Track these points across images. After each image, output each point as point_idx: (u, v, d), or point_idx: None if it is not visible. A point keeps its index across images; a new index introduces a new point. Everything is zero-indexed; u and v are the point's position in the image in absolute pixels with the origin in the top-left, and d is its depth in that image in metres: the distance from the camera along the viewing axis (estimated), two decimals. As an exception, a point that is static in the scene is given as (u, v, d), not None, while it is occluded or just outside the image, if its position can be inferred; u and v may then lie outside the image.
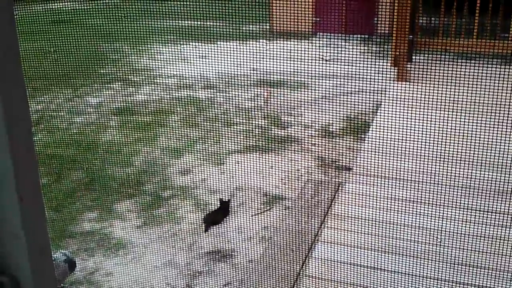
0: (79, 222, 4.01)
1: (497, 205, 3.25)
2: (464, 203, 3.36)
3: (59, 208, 4.19)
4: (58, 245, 3.67)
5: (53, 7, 8.31)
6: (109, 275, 3.42)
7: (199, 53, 7.57)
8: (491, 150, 2.90)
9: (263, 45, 7.00)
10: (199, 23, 4.82)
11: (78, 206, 4.25)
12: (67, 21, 4.78)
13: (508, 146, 2.99)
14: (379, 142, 4.07)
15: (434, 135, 3.44)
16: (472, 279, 2.79)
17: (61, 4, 7.21)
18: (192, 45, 7.77)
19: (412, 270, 2.88)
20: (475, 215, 3.23)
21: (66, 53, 4.19)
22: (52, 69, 4.59)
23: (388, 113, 4.62)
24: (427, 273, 2.86)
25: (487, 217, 3.19)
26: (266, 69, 5.95)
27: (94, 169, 4.84)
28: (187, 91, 6.93)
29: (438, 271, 2.87)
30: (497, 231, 3.06)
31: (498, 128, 3.05)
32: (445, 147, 3.43)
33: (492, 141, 2.88)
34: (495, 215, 3.17)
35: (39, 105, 6.47)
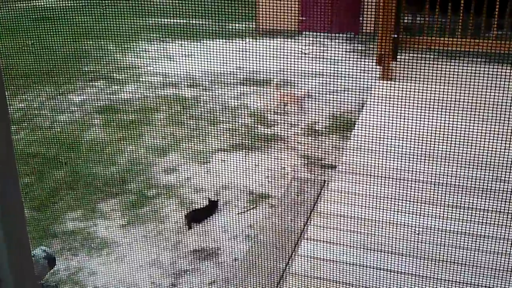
0: (63, 221, 3.97)
1: (478, 202, 3.29)
2: (446, 201, 3.39)
3: (42, 207, 4.15)
4: (41, 244, 3.63)
5: (36, 4, 8.22)
6: (93, 274, 3.39)
7: (184, 51, 7.54)
8: (474, 148, 2.93)
9: (244, 43, 6.99)
10: (184, 21, 4.80)
11: (62, 205, 4.21)
12: (50, 18, 4.73)
13: (490, 144, 3.03)
14: (364, 140, 4.09)
15: (418, 133, 3.47)
16: (454, 275, 2.82)
17: (44, 1, 7.13)
18: (178, 43, 7.74)
19: (396, 267, 2.90)
20: (458, 212, 3.26)
21: (49, 51, 4.15)
22: (35, 67, 4.54)
23: (372, 112, 4.65)
24: (410, 270, 2.88)
25: (469, 214, 3.22)
26: (252, 67, 5.95)
27: (78, 168, 4.80)
28: (172, 89, 6.90)
29: (421, 268, 2.89)
30: (480, 228, 3.10)
31: (481, 126, 3.09)
32: (428, 145, 3.46)
33: (475, 139, 2.91)
34: (478, 213, 3.21)
35: (22, 103, 6.40)
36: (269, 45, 3.45)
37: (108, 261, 3.51)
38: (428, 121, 3.49)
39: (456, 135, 2.98)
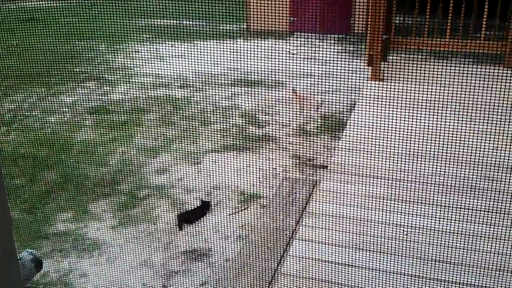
0: (53, 223, 3.96)
1: (467, 201, 3.31)
2: (437, 200, 3.41)
3: (32, 209, 4.13)
4: (32, 246, 3.62)
5: (26, 5, 8.19)
6: (84, 276, 3.38)
7: (175, 52, 7.53)
8: (463, 147, 2.95)
9: (234, 44, 6.99)
10: (175, 22, 4.79)
11: (52, 207, 4.20)
12: (41, 19, 4.71)
13: (479, 143, 3.05)
14: (355, 140, 4.11)
15: (407, 133, 3.49)
16: (445, 275, 2.84)
17: (34, 3, 7.11)
18: (169, 44, 7.73)
19: (387, 267, 2.91)
20: (449, 212, 3.29)
21: (40, 51, 4.13)
22: (25, 68, 4.52)
23: (363, 112, 4.68)
24: (401, 270, 2.90)
25: (459, 213, 3.25)
26: (243, 68, 5.95)
27: (69, 169, 4.78)
28: (163, 90, 6.89)
29: (413, 267, 2.91)
30: (469, 227, 3.12)
31: (469, 125, 3.11)
32: (418, 145, 3.48)
33: (464, 139, 2.93)
34: (466, 211, 3.23)
35: (13, 104, 6.36)
36: (260, 46, 3.46)
37: (98, 262, 3.50)
38: (418, 121, 3.50)
39: (445, 135, 3.00)
